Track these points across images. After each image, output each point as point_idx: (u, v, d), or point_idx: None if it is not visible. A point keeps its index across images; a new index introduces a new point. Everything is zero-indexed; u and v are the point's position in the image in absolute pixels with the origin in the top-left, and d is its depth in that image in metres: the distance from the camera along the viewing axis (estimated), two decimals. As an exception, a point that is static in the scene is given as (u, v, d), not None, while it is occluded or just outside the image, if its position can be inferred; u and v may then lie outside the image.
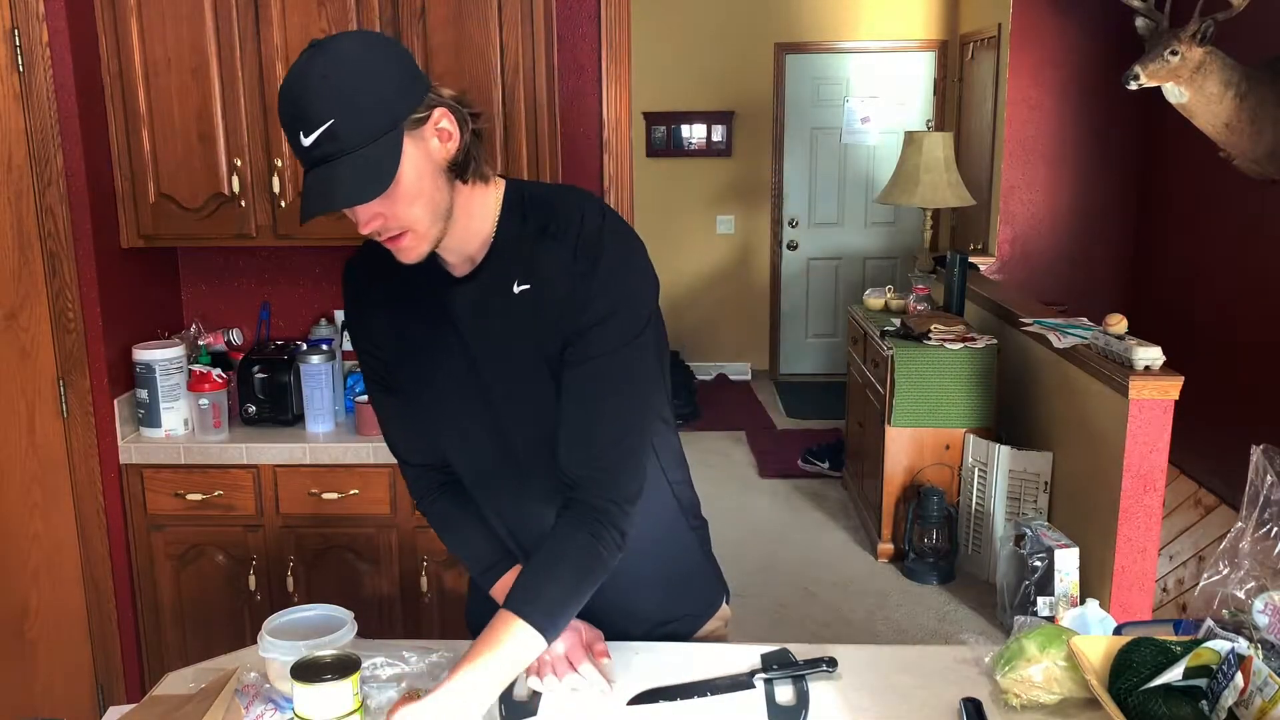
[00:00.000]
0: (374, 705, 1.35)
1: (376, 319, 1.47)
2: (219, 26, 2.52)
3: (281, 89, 1.22)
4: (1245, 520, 1.39)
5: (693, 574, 1.64)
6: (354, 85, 1.20)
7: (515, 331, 1.36)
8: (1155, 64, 3.69)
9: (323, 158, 1.21)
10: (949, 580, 4.06)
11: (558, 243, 1.34)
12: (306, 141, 1.20)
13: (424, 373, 1.45)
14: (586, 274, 1.32)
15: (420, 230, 1.28)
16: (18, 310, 2.52)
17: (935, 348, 4.04)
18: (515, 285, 1.36)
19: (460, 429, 1.46)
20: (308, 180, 1.23)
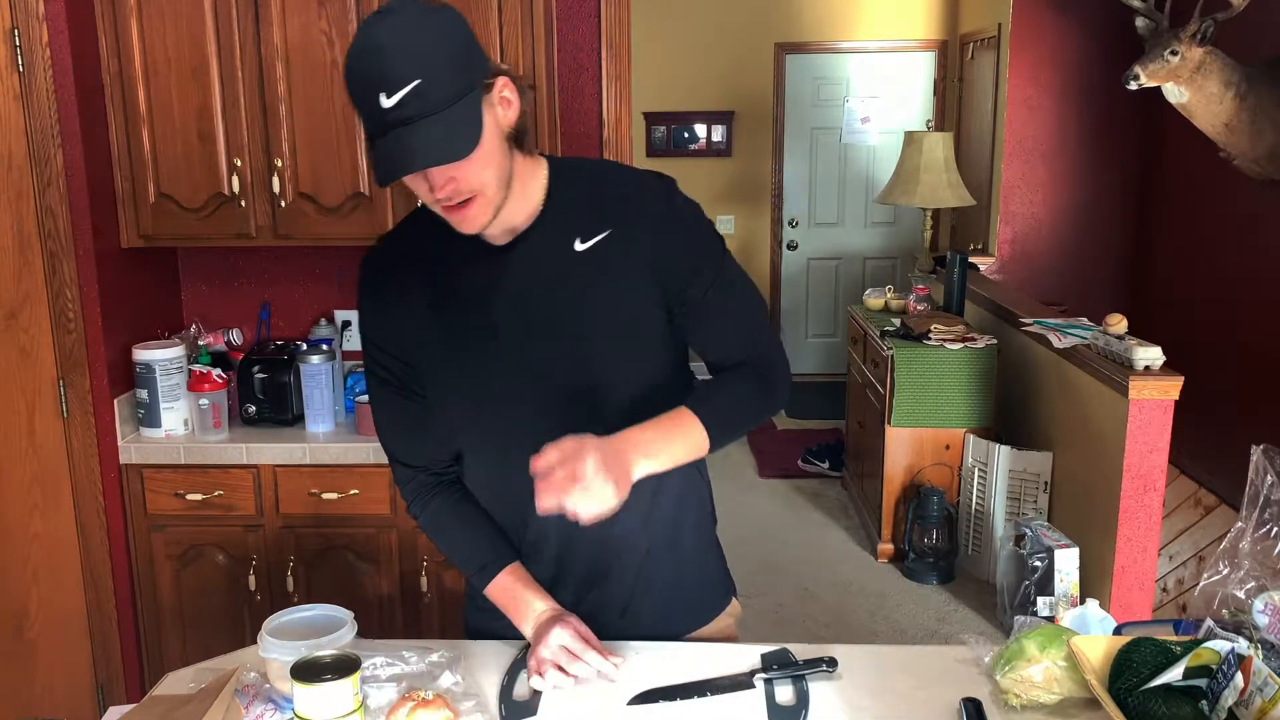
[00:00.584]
0: (374, 705, 1.35)
1: (402, 306, 1.45)
2: (219, 26, 2.52)
3: (353, 52, 1.22)
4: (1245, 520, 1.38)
5: (710, 561, 1.66)
6: (434, 46, 1.22)
7: (590, 284, 1.39)
8: (1155, 64, 3.69)
9: (403, 119, 1.21)
10: (949, 580, 4.06)
11: (629, 189, 1.42)
12: (388, 103, 1.20)
13: (464, 346, 1.43)
14: (669, 210, 1.41)
15: (489, 195, 1.30)
16: (18, 310, 2.52)
17: (935, 348, 4.04)
18: (578, 242, 1.39)
19: (501, 402, 1.43)
20: (384, 144, 1.22)
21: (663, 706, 1.39)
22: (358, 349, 2.98)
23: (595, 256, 1.39)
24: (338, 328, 2.95)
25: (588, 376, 1.42)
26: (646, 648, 1.53)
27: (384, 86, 1.20)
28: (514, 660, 1.49)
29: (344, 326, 2.98)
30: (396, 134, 1.21)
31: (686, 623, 1.61)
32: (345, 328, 2.98)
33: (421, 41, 1.21)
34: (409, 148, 1.21)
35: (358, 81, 1.22)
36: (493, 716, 1.38)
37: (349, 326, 2.98)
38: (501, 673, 1.47)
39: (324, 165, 2.59)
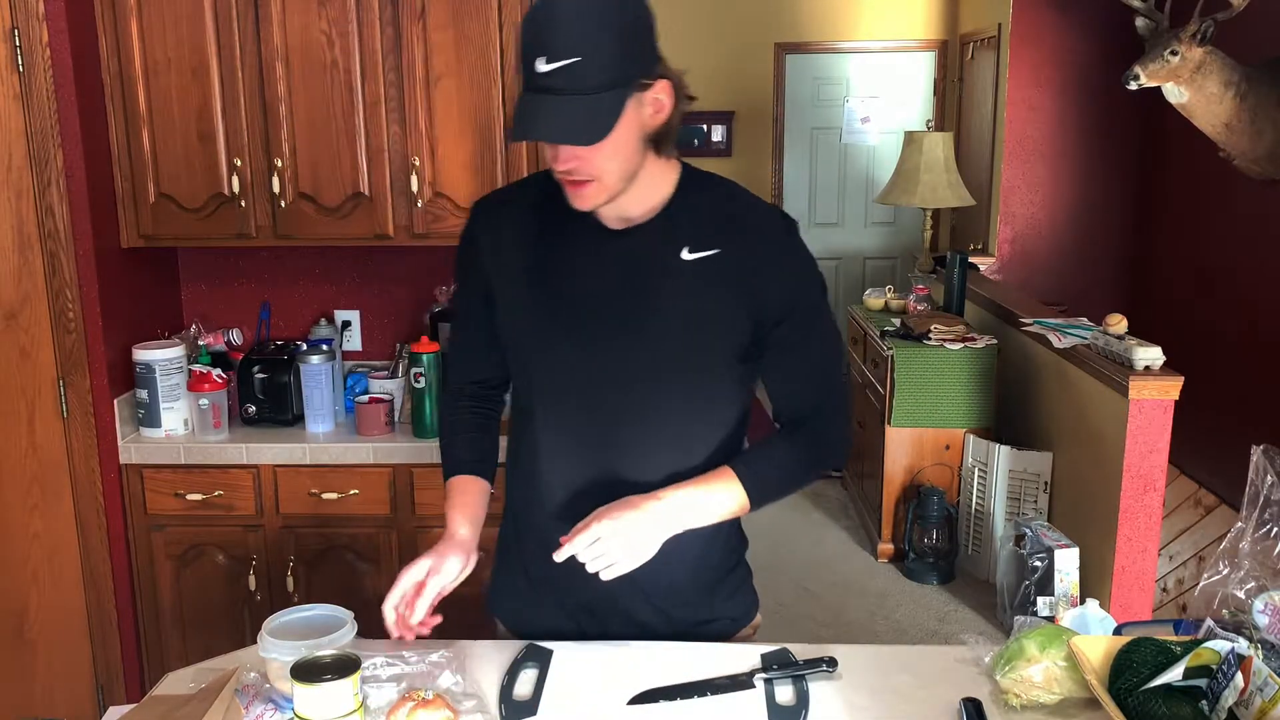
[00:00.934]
0: (374, 705, 1.35)
1: (506, 245, 1.49)
2: (219, 26, 2.52)
3: (533, 10, 1.27)
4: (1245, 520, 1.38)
5: (741, 577, 1.67)
6: (608, 30, 1.26)
7: (684, 294, 1.41)
8: (1155, 64, 3.69)
9: (550, 88, 1.25)
10: (949, 580, 4.06)
11: (753, 215, 1.46)
12: (543, 68, 1.24)
13: (548, 305, 1.46)
14: (785, 243, 1.45)
15: (607, 183, 1.35)
16: (18, 310, 2.52)
17: (935, 348, 4.04)
18: (687, 251, 1.42)
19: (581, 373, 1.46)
20: (526, 100, 1.28)
21: (663, 706, 1.39)
22: (358, 349, 2.99)
23: (698, 269, 1.41)
24: (338, 328, 2.95)
25: (649, 379, 1.44)
26: (646, 647, 1.53)
27: (545, 51, 1.24)
28: (514, 660, 1.49)
29: (344, 326, 2.98)
30: (541, 99, 1.26)
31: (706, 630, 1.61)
32: (345, 328, 2.98)
33: (598, 21, 1.25)
34: (544, 117, 1.26)
35: (526, 35, 1.27)
36: (493, 716, 1.37)
37: (349, 326, 2.98)
38: (501, 673, 1.47)
39: (324, 165, 2.59)
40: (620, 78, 1.27)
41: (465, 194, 2.59)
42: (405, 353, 2.80)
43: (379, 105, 2.55)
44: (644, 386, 1.44)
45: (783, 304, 1.44)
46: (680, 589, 1.55)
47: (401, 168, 2.58)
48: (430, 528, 2.63)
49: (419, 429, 2.66)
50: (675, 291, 1.42)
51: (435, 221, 2.61)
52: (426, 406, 2.64)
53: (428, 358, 2.63)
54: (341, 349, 2.94)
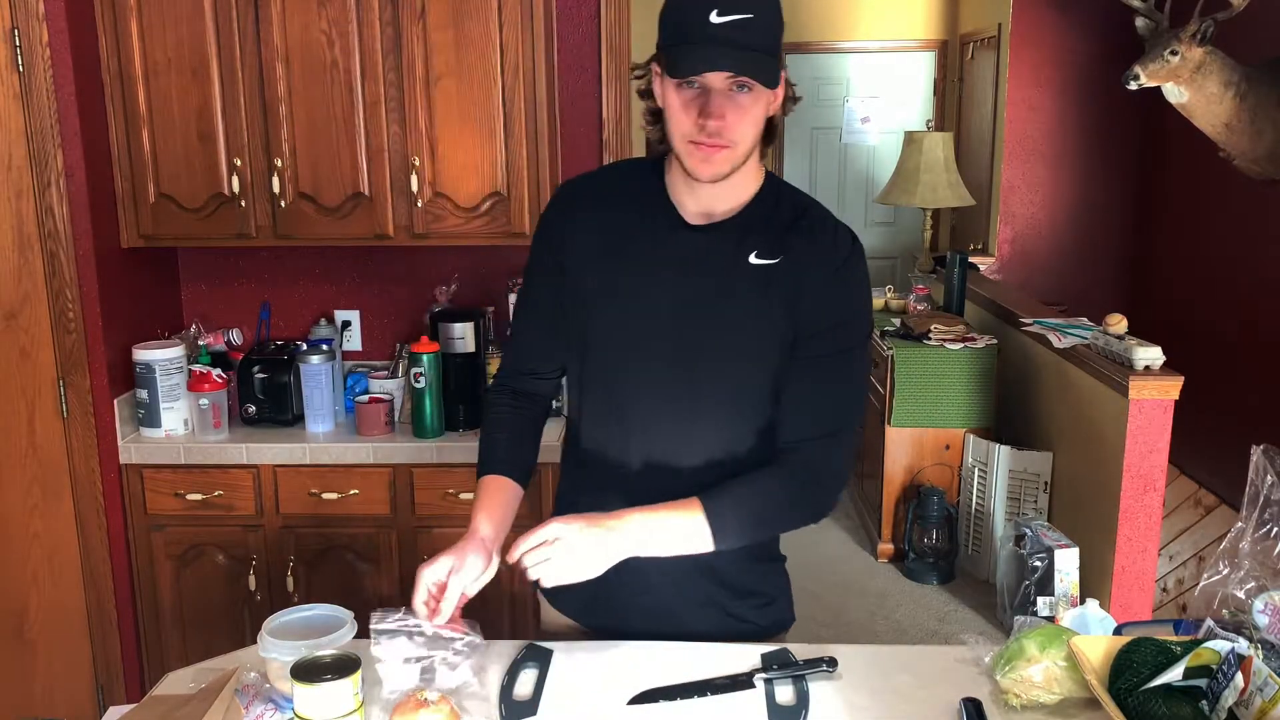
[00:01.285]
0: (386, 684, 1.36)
1: (585, 230, 1.51)
2: (219, 26, 2.52)
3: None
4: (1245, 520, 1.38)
5: (781, 582, 1.68)
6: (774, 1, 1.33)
7: (744, 298, 1.44)
8: (1155, 64, 3.69)
9: (724, 39, 1.28)
10: (949, 580, 4.06)
11: (819, 232, 1.46)
12: (717, 20, 1.28)
13: (621, 296, 1.48)
14: (842, 266, 1.44)
15: (738, 152, 1.37)
16: (18, 310, 2.52)
17: (935, 348, 4.04)
18: (754, 256, 1.44)
19: (637, 361, 1.48)
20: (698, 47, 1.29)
21: (663, 706, 1.39)
22: (358, 349, 2.99)
23: (761, 276, 1.43)
24: (338, 328, 2.95)
25: (695, 377, 1.46)
26: (646, 647, 1.53)
27: (718, 5, 1.27)
28: (514, 660, 1.49)
29: (344, 326, 2.98)
30: (713, 44, 1.29)
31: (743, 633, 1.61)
32: (345, 328, 2.98)
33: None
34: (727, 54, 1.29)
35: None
36: (493, 716, 1.37)
37: (349, 326, 2.98)
38: (501, 673, 1.47)
39: (324, 165, 2.59)
40: (776, 45, 1.33)
41: (465, 194, 2.59)
42: (405, 353, 2.80)
43: (379, 105, 2.55)
44: (700, 382, 1.47)
45: (817, 320, 1.44)
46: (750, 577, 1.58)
47: (401, 168, 2.58)
48: (430, 528, 2.63)
49: (419, 429, 2.66)
50: (737, 294, 1.44)
51: (435, 221, 2.61)
52: (426, 406, 2.64)
53: (428, 358, 2.63)
54: (341, 349, 2.94)
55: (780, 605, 1.67)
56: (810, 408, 1.46)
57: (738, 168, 1.39)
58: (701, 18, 1.28)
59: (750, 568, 1.59)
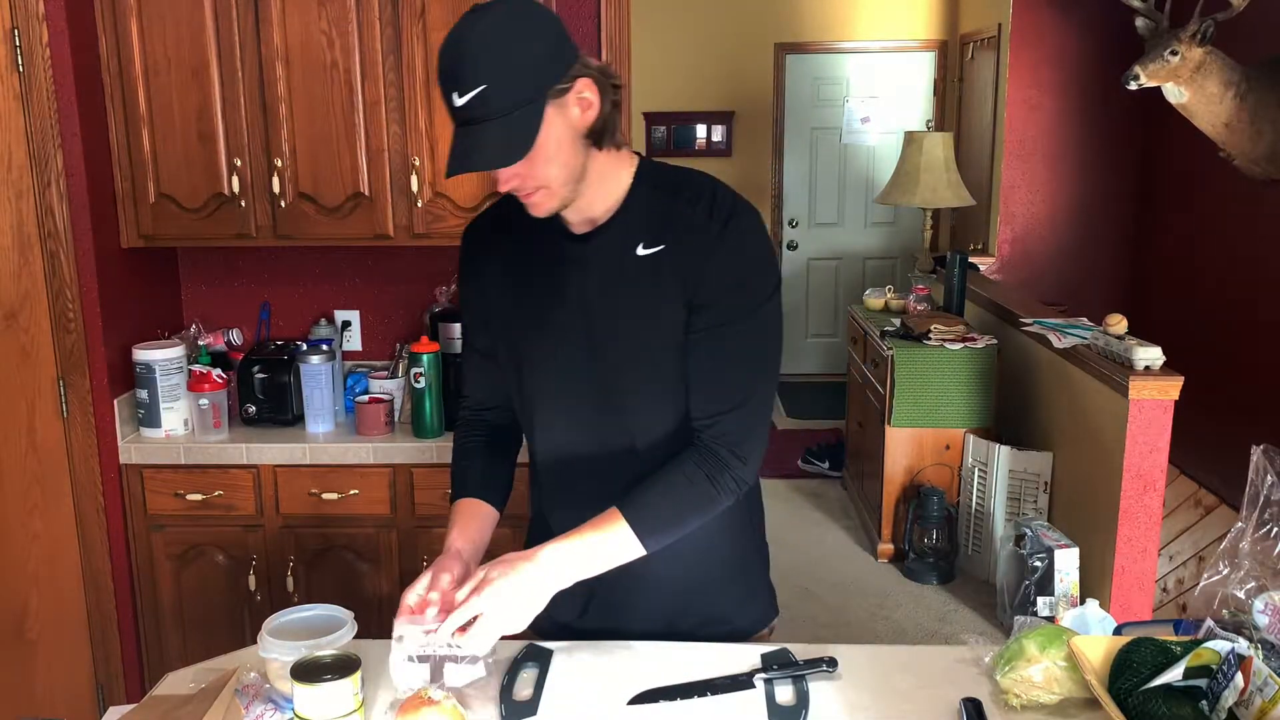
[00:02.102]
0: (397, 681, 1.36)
1: (489, 270, 1.56)
2: (219, 26, 2.52)
3: (442, 48, 1.31)
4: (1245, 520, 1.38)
5: (755, 580, 1.66)
6: (508, 53, 1.29)
7: (637, 291, 1.43)
8: (1155, 64, 3.69)
9: (471, 119, 1.30)
10: (949, 580, 4.06)
11: (693, 207, 1.43)
12: (459, 102, 1.29)
13: (534, 321, 1.50)
14: (721, 235, 1.40)
15: (554, 189, 1.38)
16: (18, 310, 2.52)
17: (935, 348, 4.04)
18: (641, 248, 1.44)
19: (561, 376, 1.50)
20: (456, 136, 1.32)
21: (663, 706, 1.39)
22: (358, 349, 2.99)
23: (650, 266, 1.43)
24: (338, 328, 2.95)
25: (615, 380, 1.47)
26: (646, 647, 1.53)
27: (456, 86, 1.29)
28: (514, 660, 1.49)
29: (344, 326, 2.98)
30: (464, 130, 1.31)
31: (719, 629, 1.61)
32: (345, 328, 2.98)
33: (499, 47, 1.29)
34: (470, 148, 1.31)
35: (440, 75, 1.31)
36: (493, 716, 1.37)
37: (349, 326, 2.98)
38: (501, 673, 1.47)
39: (324, 165, 2.59)
40: (530, 94, 1.30)
41: (465, 194, 2.59)
42: (405, 353, 2.80)
43: (379, 105, 2.55)
44: (615, 383, 1.47)
45: (707, 291, 1.40)
46: (690, 589, 1.56)
47: (401, 168, 2.58)
48: (430, 528, 2.63)
49: (419, 429, 2.66)
50: (633, 289, 1.44)
51: (435, 221, 2.61)
52: (426, 406, 2.64)
53: (428, 358, 2.63)
54: (341, 349, 2.94)
55: (759, 601, 1.67)
56: (713, 383, 1.43)
57: (572, 195, 1.40)
58: (450, 103, 1.30)
59: (718, 565, 1.58)
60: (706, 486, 1.43)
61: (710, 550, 1.56)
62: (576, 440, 1.52)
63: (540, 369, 1.52)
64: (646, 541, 1.41)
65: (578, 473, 1.54)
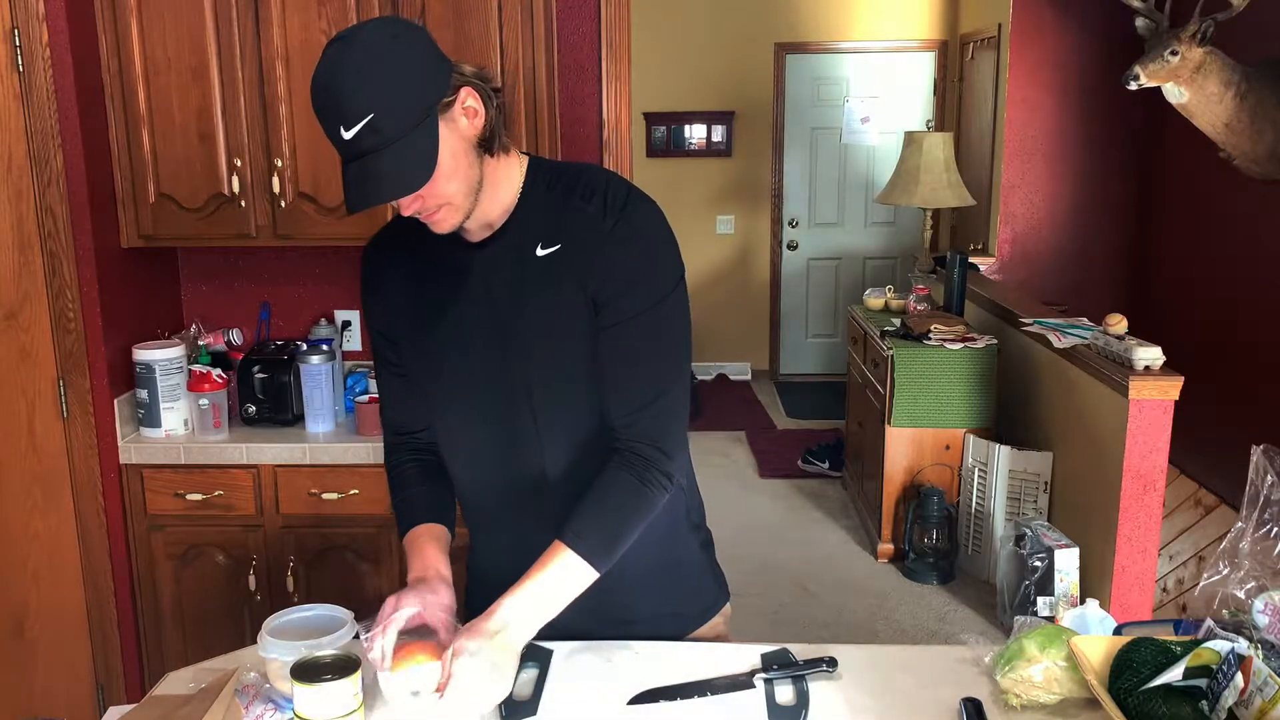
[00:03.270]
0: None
1: (393, 290, 1.52)
2: (219, 26, 2.52)
3: (314, 84, 1.26)
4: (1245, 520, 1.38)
5: (690, 574, 1.64)
6: (387, 77, 1.24)
7: (539, 292, 1.41)
8: (1155, 64, 3.69)
9: (363, 151, 1.25)
10: (949, 580, 4.06)
11: (587, 203, 1.40)
12: (347, 135, 1.25)
13: (441, 334, 1.47)
14: (614, 229, 1.38)
15: (456, 204, 1.35)
16: (18, 310, 2.52)
17: (935, 348, 4.04)
18: (539, 248, 1.41)
19: (475, 387, 1.47)
20: (350, 171, 1.28)
21: (663, 706, 1.39)
22: (357, 349, 2.99)
23: (549, 266, 1.41)
24: (338, 328, 2.95)
25: (528, 384, 1.43)
26: (646, 647, 1.53)
27: (341, 120, 1.24)
28: (514, 660, 1.49)
29: (344, 326, 2.98)
30: (359, 164, 1.26)
31: (663, 627, 1.60)
32: (345, 328, 2.98)
33: (375, 73, 1.23)
34: (370, 179, 1.26)
35: (319, 112, 1.26)
36: (493, 716, 1.37)
37: (349, 326, 2.98)
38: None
39: (324, 165, 2.59)
40: (419, 113, 1.26)
41: (465, 194, 2.59)
42: (405, 353, 2.80)
43: (379, 105, 2.55)
44: (526, 388, 1.44)
45: (607, 288, 1.38)
46: (639, 584, 1.55)
47: (401, 168, 2.58)
48: (430, 528, 2.63)
49: (419, 429, 2.66)
50: (536, 292, 1.41)
51: (435, 221, 2.60)
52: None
53: (428, 358, 2.63)
54: (341, 349, 2.94)
55: (706, 589, 1.66)
56: (625, 383, 1.40)
57: (472, 207, 1.37)
58: (337, 139, 1.26)
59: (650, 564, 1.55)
60: (639, 489, 1.39)
61: (640, 549, 1.46)
62: (492, 453, 1.49)
63: (452, 381, 1.48)
64: (597, 564, 1.37)
65: (495, 488, 1.51)
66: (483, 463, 1.52)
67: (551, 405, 1.44)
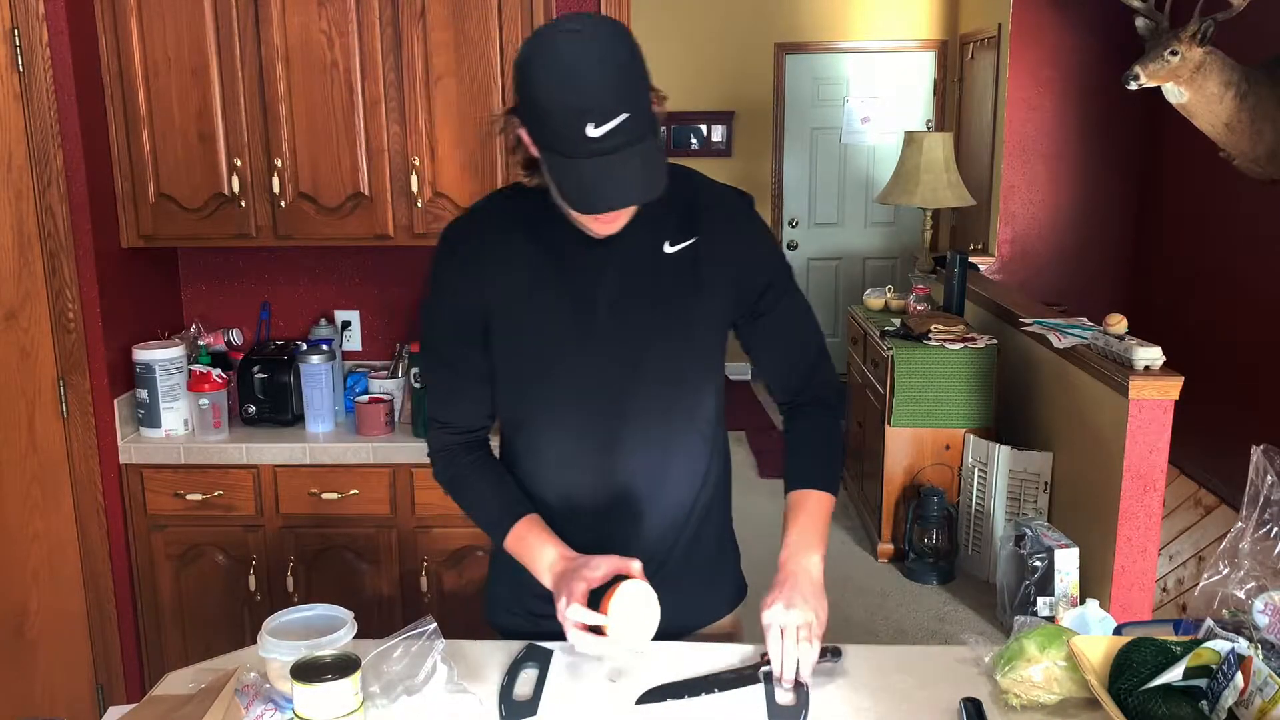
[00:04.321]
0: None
1: (500, 279, 1.45)
2: (219, 26, 2.52)
3: (553, 75, 1.20)
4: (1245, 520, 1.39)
5: (730, 558, 1.72)
6: (633, 73, 1.23)
7: (676, 288, 1.45)
8: (1155, 64, 3.69)
9: (605, 150, 1.21)
10: (949, 580, 4.06)
11: (717, 202, 1.48)
12: (595, 133, 1.19)
13: (557, 333, 1.45)
14: (745, 222, 1.50)
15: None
16: (18, 310, 2.52)
17: (935, 348, 4.04)
18: (667, 245, 1.45)
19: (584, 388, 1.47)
20: (587, 169, 1.22)
21: (663, 706, 1.39)
22: (358, 349, 2.98)
23: (682, 261, 1.44)
24: (338, 328, 2.95)
25: (648, 373, 1.46)
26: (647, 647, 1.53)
27: (593, 117, 1.19)
28: (514, 660, 1.49)
29: (344, 326, 2.98)
30: (601, 163, 1.21)
31: (699, 616, 1.63)
32: (345, 328, 2.98)
33: (622, 69, 1.22)
34: (616, 179, 1.23)
35: (562, 108, 1.20)
36: (493, 716, 1.37)
37: (349, 326, 2.98)
38: (501, 673, 1.47)
39: (324, 165, 2.59)
40: (654, 114, 1.26)
41: (465, 194, 2.59)
42: (405, 353, 2.80)
43: (379, 105, 2.55)
44: (644, 381, 1.46)
45: (757, 279, 1.50)
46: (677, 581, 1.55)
47: (401, 168, 2.58)
48: (430, 528, 2.63)
49: (419, 429, 2.66)
50: (665, 287, 1.45)
51: (435, 221, 2.61)
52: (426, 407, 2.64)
53: (428, 358, 2.63)
54: (341, 349, 2.94)
55: (730, 582, 1.71)
56: (797, 356, 1.58)
57: None
58: (578, 136, 1.20)
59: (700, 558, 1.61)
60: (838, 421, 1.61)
61: (694, 543, 1.59)
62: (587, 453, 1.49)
63: (562, 382, 1.47)
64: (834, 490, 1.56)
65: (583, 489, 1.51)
66: (575, 463, 1.51)
67: (652, 408, 1.48)
